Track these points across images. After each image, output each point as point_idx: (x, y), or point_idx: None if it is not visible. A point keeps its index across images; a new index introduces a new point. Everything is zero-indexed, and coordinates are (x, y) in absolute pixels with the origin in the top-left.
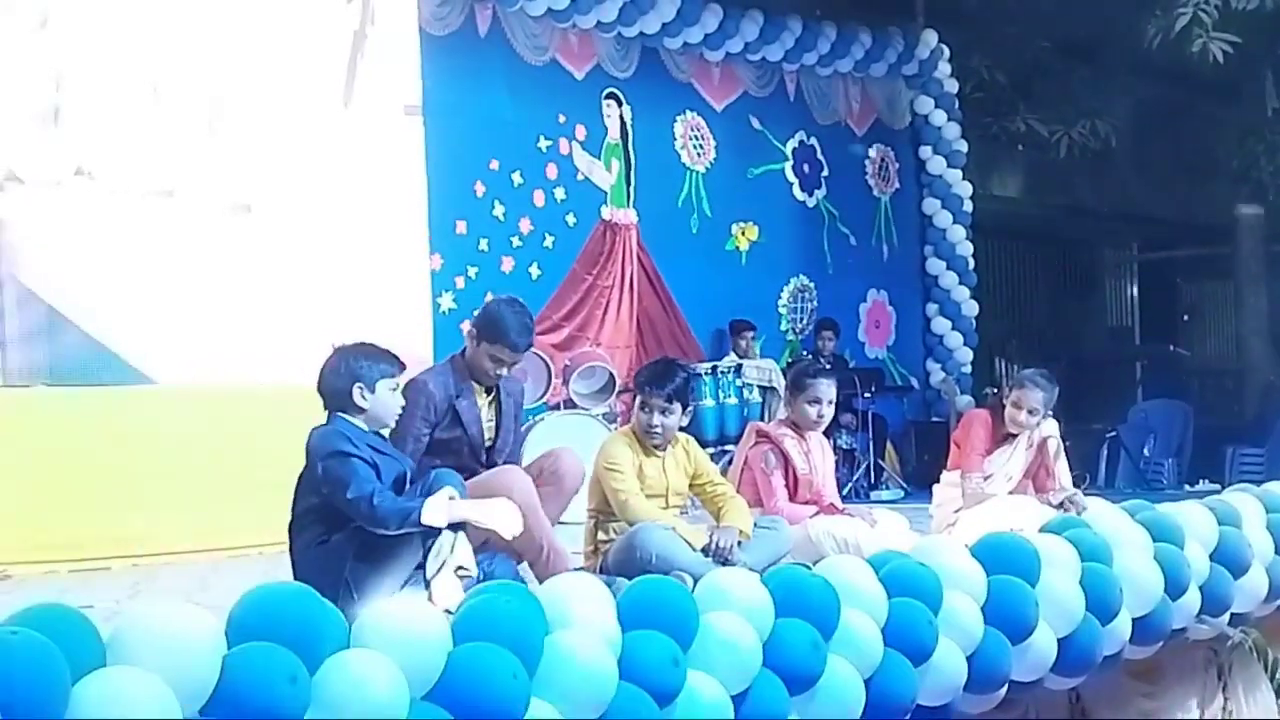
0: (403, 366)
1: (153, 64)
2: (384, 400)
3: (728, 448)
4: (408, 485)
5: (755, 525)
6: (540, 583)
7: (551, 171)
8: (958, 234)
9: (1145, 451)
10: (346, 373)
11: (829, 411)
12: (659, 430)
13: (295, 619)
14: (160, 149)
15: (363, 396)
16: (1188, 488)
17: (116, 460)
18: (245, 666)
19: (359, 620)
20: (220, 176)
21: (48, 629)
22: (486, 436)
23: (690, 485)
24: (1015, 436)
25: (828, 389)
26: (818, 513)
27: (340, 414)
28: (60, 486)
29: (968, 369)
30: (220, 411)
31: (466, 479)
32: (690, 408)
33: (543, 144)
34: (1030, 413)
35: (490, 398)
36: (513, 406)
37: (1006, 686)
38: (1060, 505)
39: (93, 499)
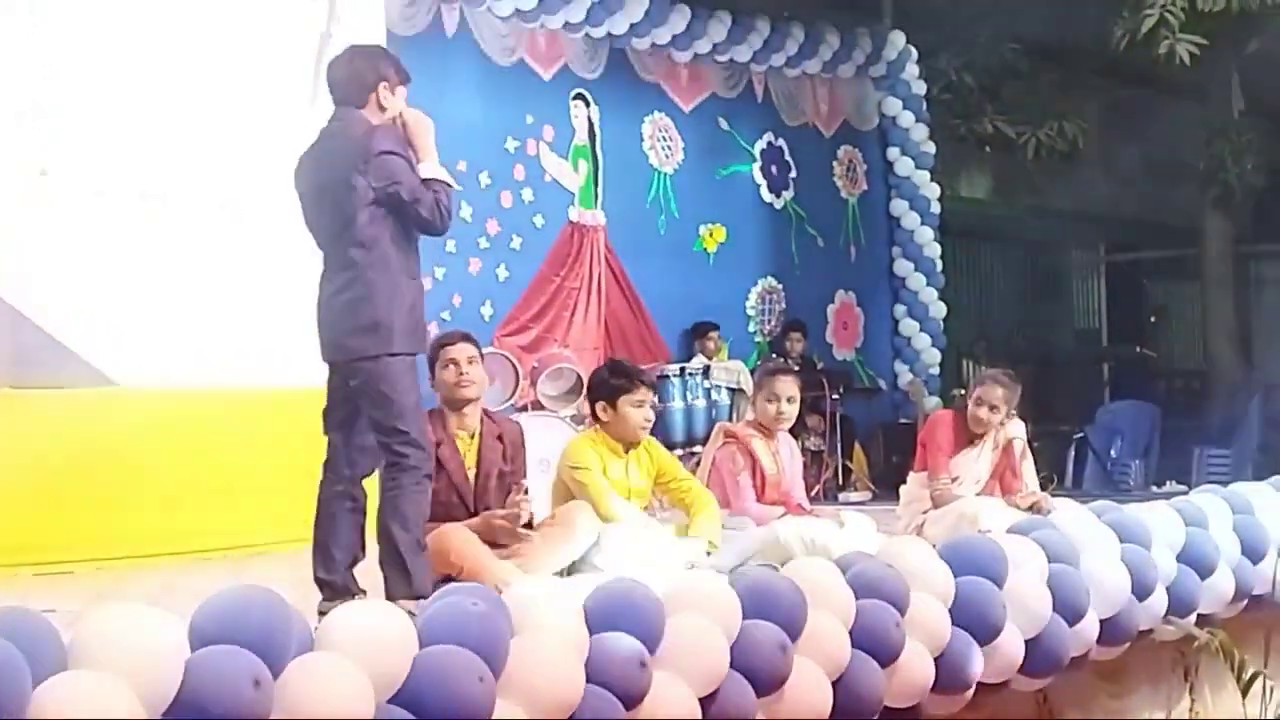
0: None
1: (123, 65)
2: None
3: (696, 449)
4: None
5: (722, 527)
6: None
7: (519, 172)
8: (925, 235)
9: (1112, 453)
10: None
11: (790, 410)
12: (648, 423)
13: (259, 622)
14: (128, 151)
15: None
16: (1155, 489)
17: (80, 463)
18: (208, 669)
19: (323, 623)
20: (187, 176)
21: (9, 633)
22: (472, 483)
23: (657, 484)
24: (981, 438)
25: (785, 386)
26: (785, 514)
27: None
28: (23, 489)
29: (936, 370)
30: (186, 414)
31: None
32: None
33: (510, 145)
34: (991, 409)
35: (474, 444)
36: (503, 451)
37: (974, 687)
38: (1030, 507)
39: (56, 502)
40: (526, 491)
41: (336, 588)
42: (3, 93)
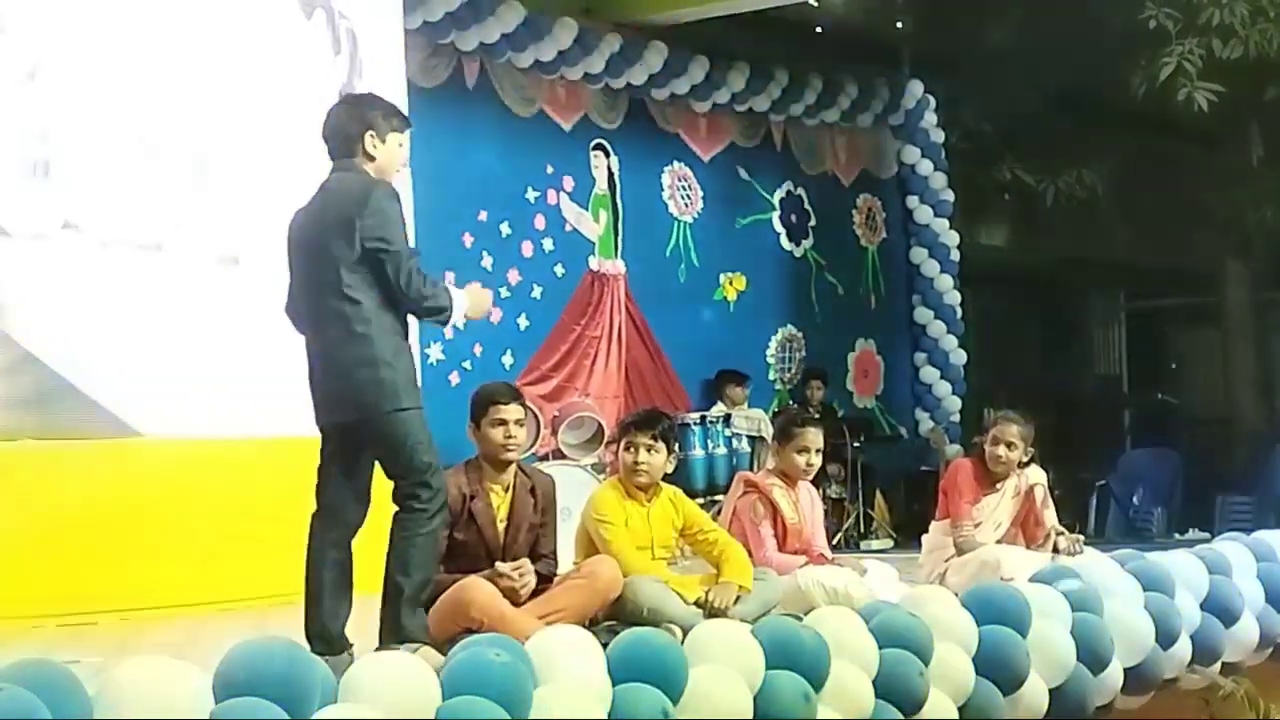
0: None
1: (141, 117)
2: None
3: (717, 498)
4: None
5: None
6: None
7: (539, 222)
8: (945, 283)
9: (1134, 500)
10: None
11: (817, 460)
12: (645, 468)
13: (283, 673)
14: (148, 202)
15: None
16: (1177, 536)
17: (104, 514)
18: None
19: (347, 674)
20: (208, 229)
21: (34, 685)
22: (501, 537)
23: (683, 535)
24: (1002, 482)
25: (815, 437)
26: (807, 563)
27: None
28: (47, 540)
29: (956, 418)
30: (208, 464)
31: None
32: (675, 453)
33: (530, 195)
34: (1009, 446)
35: (507, 497)
36: (535, 504)
37: None
38: (1055, 549)
39: (80, 553)
40: (554, 551)
41: (331, 641)
42: (24, 146)
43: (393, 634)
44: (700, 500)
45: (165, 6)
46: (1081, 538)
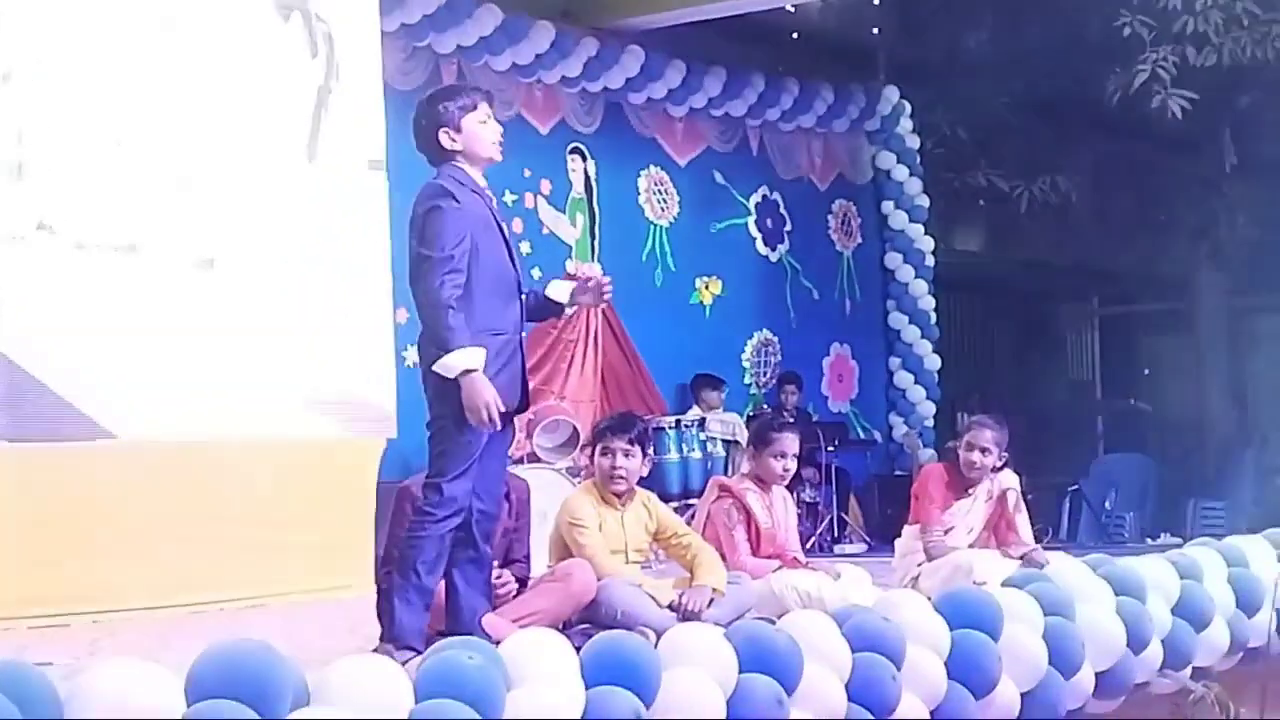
0: None
1: (117, 118)
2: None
3: (691, 502)
4: None
5: None
6: None
7: (516, 226)
8: (920, 288)
9: (1107, 505)
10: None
11: (794, 465)
12: (622, 473)
13: (255, 676)
14: (124, 203)
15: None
16: (1149, 541)
17: (77, 516)
18: None
19: (319, 677)
20: (184, 231)
21: (4, 687)
22: None
23: (656, 540)
24: (974, 487)
25: (792, 442)
26: (780, 567)
27: None
28: (19, 542)
29: (930, 422)
30: (182, 467)
31: None
32: (650, 456)
33: (508, 198)
34: (982, 451)
35: None
36: (509, 509)
37: None
38: (1022, 559)
39: (52, 554)
40: (528, 555)
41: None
42: None
43: (385, 632)
44: (675, 504)
45: (142, 8)
46: (1040, 548)
